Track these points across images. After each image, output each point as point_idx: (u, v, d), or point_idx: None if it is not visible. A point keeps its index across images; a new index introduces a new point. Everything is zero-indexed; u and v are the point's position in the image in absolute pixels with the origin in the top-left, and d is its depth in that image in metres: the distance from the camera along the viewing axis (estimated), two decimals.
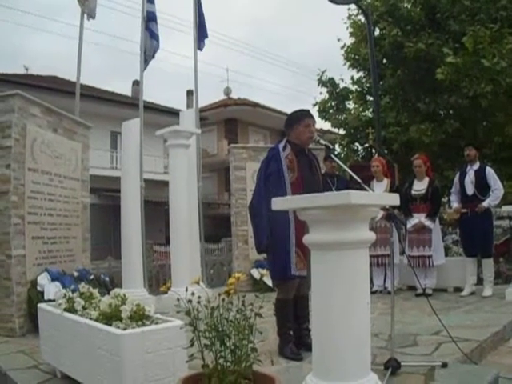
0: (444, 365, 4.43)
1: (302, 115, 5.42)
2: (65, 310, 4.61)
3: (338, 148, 18.99)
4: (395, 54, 16.10)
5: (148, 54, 11.03)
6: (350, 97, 18.82)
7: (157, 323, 4.04)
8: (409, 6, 16.37)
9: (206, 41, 12.55)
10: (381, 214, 7.10)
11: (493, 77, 13.11)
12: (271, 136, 38.33)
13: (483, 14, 14.17)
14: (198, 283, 3.80)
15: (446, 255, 9.65)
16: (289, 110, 6.09)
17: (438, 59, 14.27)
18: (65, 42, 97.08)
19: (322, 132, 22.04)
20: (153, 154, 26.37)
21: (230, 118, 37.30)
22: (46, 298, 6.56)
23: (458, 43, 14.21)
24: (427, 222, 8.94)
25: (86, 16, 10.52)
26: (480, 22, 13.67)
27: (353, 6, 17.16)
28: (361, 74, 18.49)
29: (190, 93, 34.48)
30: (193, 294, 3.36)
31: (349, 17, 17.75)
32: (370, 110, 17.74)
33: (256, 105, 36.30)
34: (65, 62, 39.53)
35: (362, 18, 17.21)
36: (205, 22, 12.41)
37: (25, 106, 7.11)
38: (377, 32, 16.21)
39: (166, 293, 7.39)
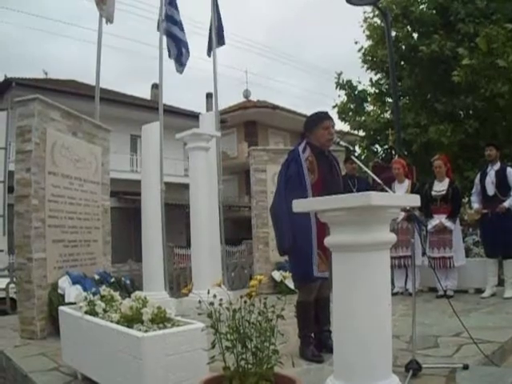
0: (465, 367, 4.40)
1: (321, 117, 5.39)
2: (86, 312, 4.64)
3: (358, 150, 18.86)
4: (411, 55, 16.04)
5: (177, 59, 11.17)
6: (368, 99, 18.73)
7: (178, 325, 4.04)
8: (421, 8, 16.26)
9: (226, 43, 12.63)
10: (402, 215, 7.06)
11: (509, 76, 13.00)
12: (291, 138, 38.14)
13: (500, 14, 14.04)
14: (219, 285, 3.79)
15: (467, 256, 9.60)
16: (308, 112, 6.10)
17: (453, 60, 14.19)
18: (83, 47, 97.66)
19: (342, 134, 21.93)
20: (173, 157, 26.42)
21: (249, 121, 37.23)
22: (66, 300, 6.60)
23: (472, 43, 14.10)
24: (448, 223, 8.89)
25: (104, 20, 10.56)
26: (495, 22, 13.54)
27: (368, 9, 17.17)
28: (379, 75, 18.41)
29: (209, 95, 34.48)
30: (214, 296, 3.36)
31: (365, 20, 17.68)
32: (389, 111, 17.66)
33: (275, 107, 36.16)
34: (84, 66, 39.68)
35: (378, 20, 17.16)
36: (223, 29, 12.46)
37: (44, 110, 7.16)
38: (393, 34, 16.10)
39: (187, 295, 7.40)
